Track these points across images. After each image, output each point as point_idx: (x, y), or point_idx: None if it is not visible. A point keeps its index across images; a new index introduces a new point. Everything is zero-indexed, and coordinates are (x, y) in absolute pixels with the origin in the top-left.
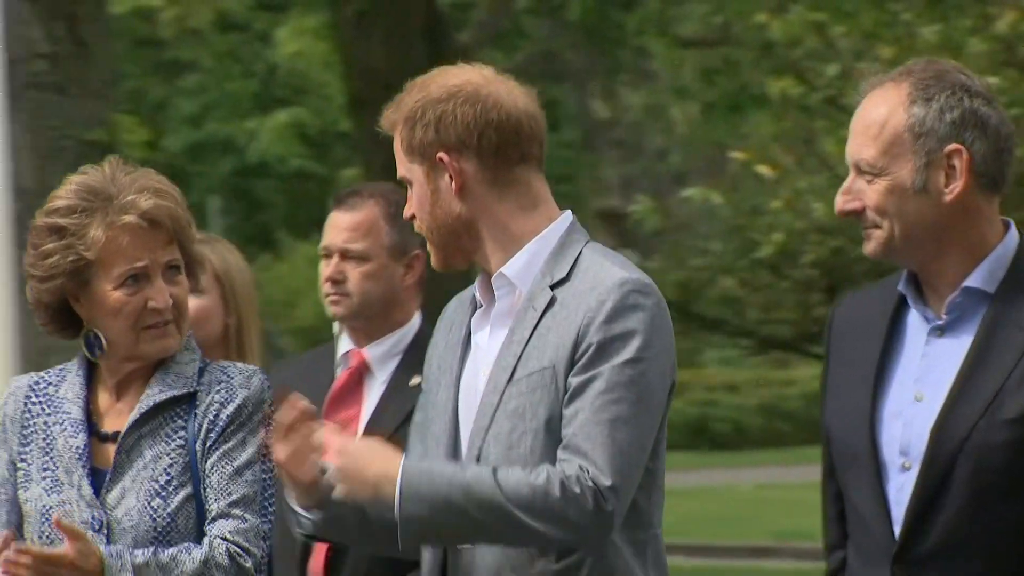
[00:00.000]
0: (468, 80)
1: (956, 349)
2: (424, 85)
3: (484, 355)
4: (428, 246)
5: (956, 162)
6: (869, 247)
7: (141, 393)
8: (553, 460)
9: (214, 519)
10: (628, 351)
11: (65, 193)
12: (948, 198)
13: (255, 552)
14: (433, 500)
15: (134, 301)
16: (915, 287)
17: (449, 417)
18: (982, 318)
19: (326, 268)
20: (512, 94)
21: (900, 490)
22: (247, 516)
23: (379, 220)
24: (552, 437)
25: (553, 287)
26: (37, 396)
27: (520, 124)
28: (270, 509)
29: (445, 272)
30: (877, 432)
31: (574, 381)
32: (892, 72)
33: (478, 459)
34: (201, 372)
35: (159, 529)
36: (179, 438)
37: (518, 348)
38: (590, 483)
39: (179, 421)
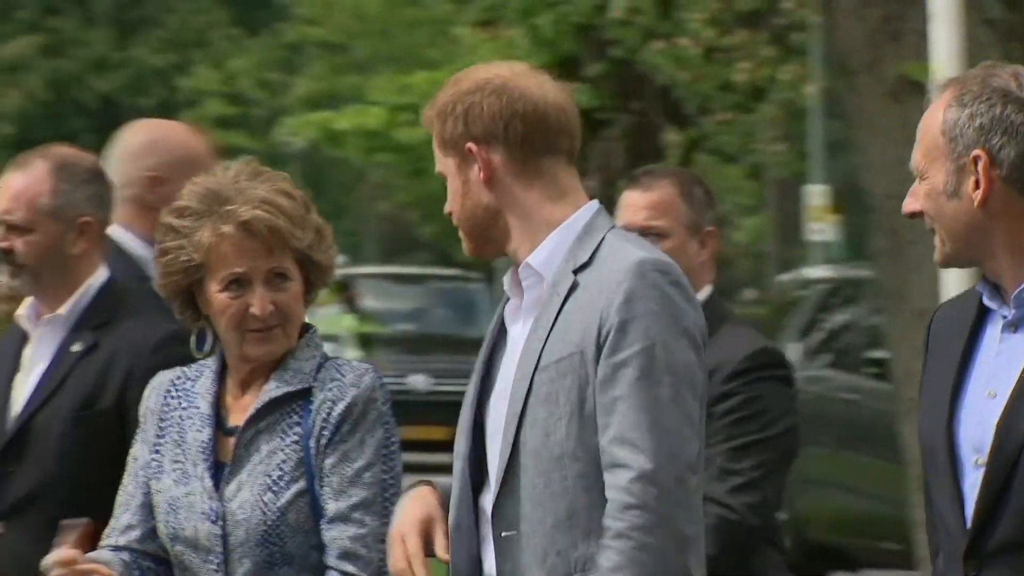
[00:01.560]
0: (497, 74)
1: (1022, 344)
2: (457, 81)
3: (516, 345)
4: (461, 236)
5: (978, 167)
6: (936, 255)
7: (262, 389)
8: (588, 441)
9: (332, 521)
10: (649, 332)
11: (188, 193)
12: (976, 203)
13: (372, 557)
14: None
15: (236, 305)
16: (992, 284)
17: (470, 404)
18: None
19: None
20: (542, 87)
21: (973, 487)
22: (366, 520)
23: (676, 198)
24: (586, 421)
25: (576, 271)
26: (176, 390)
27: (547, 115)
28: (390, 510)
29: (479, 259)
30: (954, 431)
31: (603, 367)
32: (960, 76)
33: (514, 446)
34: (319, 369)
35: (269, 523)
36: (294, 434)
37: (543, 333)
38: (637, 489)
39: (295, 417)
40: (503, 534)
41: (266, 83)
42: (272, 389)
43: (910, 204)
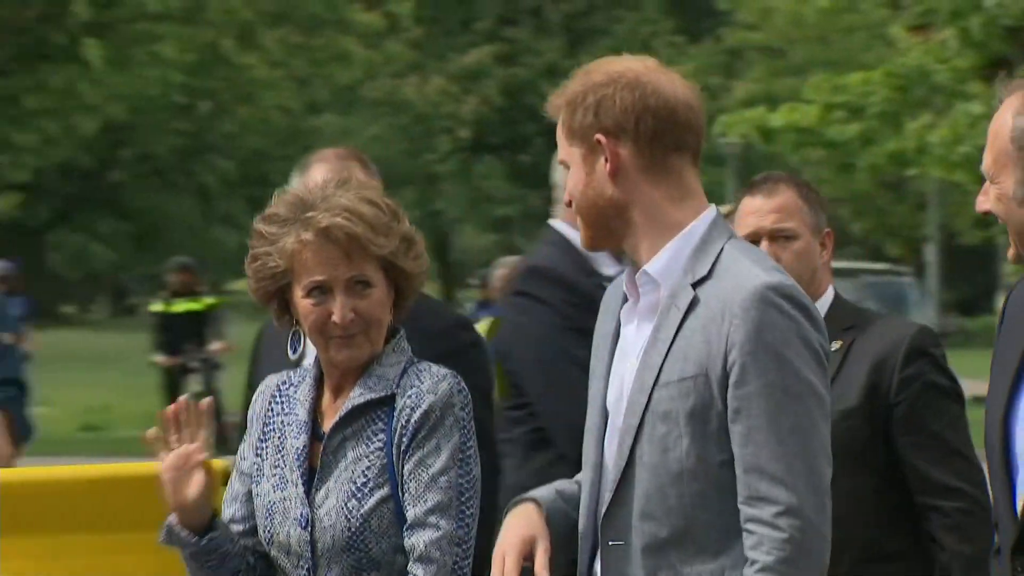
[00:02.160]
0: (630, 68)
1: None
2: (588, 72)
3: (632, 347)
4: (580, 226)
5: None
6: (1010, 252)
7: (348, 396)
8: (708, 460)
9: (411, 527)
10: (781, 361)
11: (278, 201)
12: None
13: (446, 561)
14: None
15: (318, 311)
16: None
17: (598, 409)
18: None
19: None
20: (673, 84)
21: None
22: (441, 523)
23: (798, 200)
24: (707, 442)
25: (695, 285)
26: (280, 396)
27: (677, 112)
28: (467, 513)
29: (593, 251)
30: (1010, 424)
31: (735, 397)
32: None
33: (630, 457)
34: (403, 374)
35: (352, 529)
36: (379, 440)
37: (663, 347)
38: (786, 523)
39: (380, 423)
40: (611, 543)
41: (706, 87)
42: (356, 396)
43: (982, 203)
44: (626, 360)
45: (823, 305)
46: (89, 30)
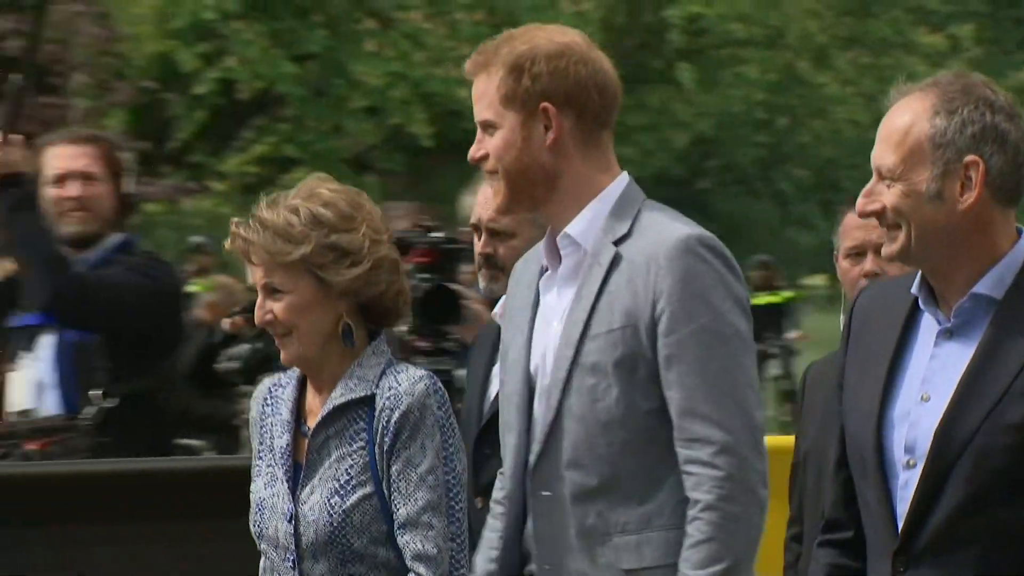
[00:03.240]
0: (575, 40)
1: (963, 352)
2: (527, 38)
3: (553, 312)
4: (496, 189)
5: (972, 173)
6: (888, 249)
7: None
8: (636, 409)
9: (404, 526)
10: (709, 307)
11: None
12: (962, 207)
13: (442, 557)
14: None
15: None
16: (928, 289)
17: (521, 375)
18: (988, 323)
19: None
20: (607, 61)
21: (904, 487)
22: (434, 521)
23: None
24: (636, 391)
25: (616, 243)
26: (270, 398)
27: (615, 92)
28: (457, 508)
29: (504, 213)
30: (884, 433)
31: (666, 344)
32: (921, 82)
33: (558, 409)
34: (382, 375)
35: (334, 524)
36: (361, 439)
37: (588, 303)
38: (722, 462)
39: (361, 423)
40: (541, 493)
41: None
42: (337, 396)
43: (869, 204)
44: (548, 326)
45: None
46: (682, 55)
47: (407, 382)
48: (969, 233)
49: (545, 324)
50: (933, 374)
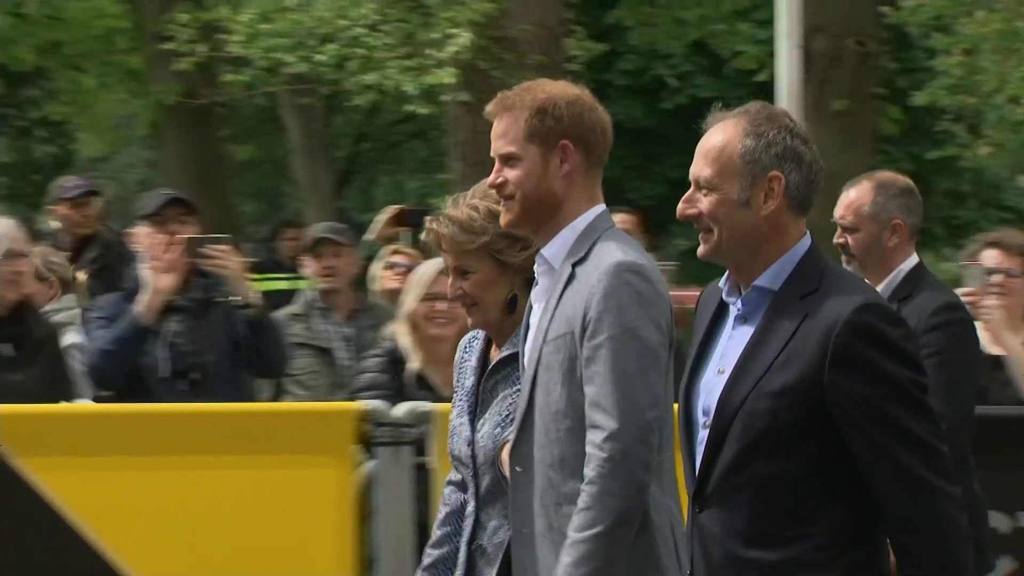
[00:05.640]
0: (584, 93)
1: (748, 334)
2: (545, 88)
3: (534, 320)
4: (508, 207)
5: (775, 186)
6: (702, 249)
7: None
8: (575, 402)
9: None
10: (620, 321)
11: None
12: (764, 213)
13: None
14: None
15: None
16: (733, 282)
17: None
18: (765, 310)
19: None
20: (605, 112)
21: (701, 443)
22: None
23: None
24: (574, 387)
25: (575, 264)
26: (468, 348)
27: (611, 135)
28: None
29: (508, 228)
30: (691, 399)
31: (587, 348)
32: (734, 110)
33: (529, 400)
34: None
35: (497, 449)
36: (520, 384)
37: (549, 314)
38: (607, 447)
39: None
40: (516, 468)
41: None
42: (504, 351)
43: (687, 209)
44: (531, 332)
45: None
46: None
47: None
48: (766, 235)
49: (531, 330)
50: (728, 352)
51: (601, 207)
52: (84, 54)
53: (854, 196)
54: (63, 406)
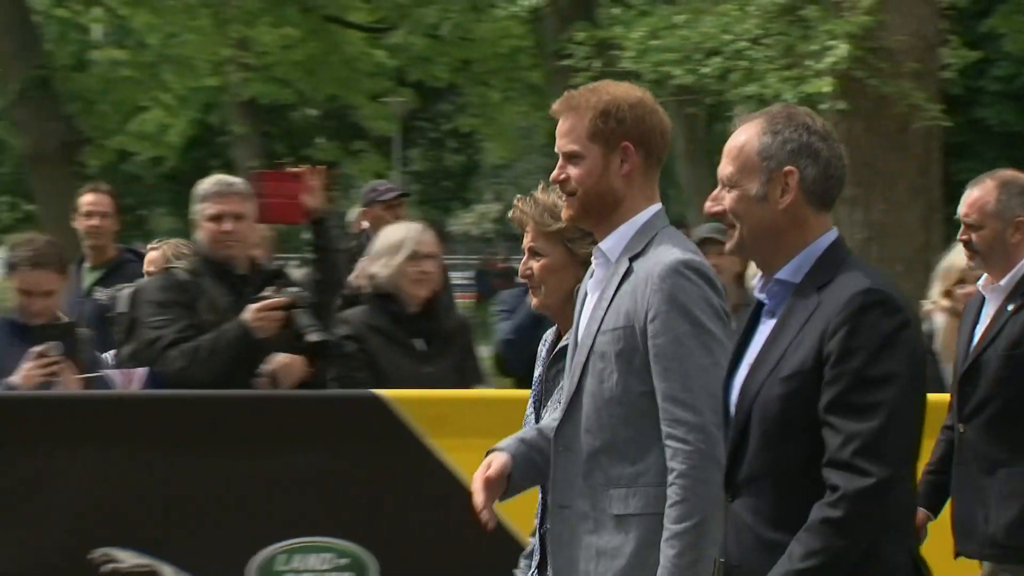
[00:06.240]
0: (645, 96)
1: (770, 327)
2: (609, 91)
3: (588, 309)
4: (569, 203)
5: (790, 180)
6: (728, 245)
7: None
8: (631, 391)
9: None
10: (689, 317)
11: None
12: (781, 207)
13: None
14: None
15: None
16: (764, 278)
17: (571, 360)
18: (784, 303)
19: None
20: (665, 114)
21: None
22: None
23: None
24: (630, 377)
25: (632, 259)
26: (546, 337)
27: (670, 137)
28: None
29: (571, 222)
30: (729, 392)
31: (655, 344)
32: (760, 111)
33: (578, 386)
34: None
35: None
36: None
37: (605, 304)
38: (693, 438)
39: None
40: (560, 449)
41: None
42: (564, 342)
43: (713, 207)
44: (585, 318)
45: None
46: None
47: None
48: (786, 229)
49: (585, 316)
50: (756, 346)
51: (658, 206)
52: (491, 71)
53: (978, 194)
54: (467, 391)
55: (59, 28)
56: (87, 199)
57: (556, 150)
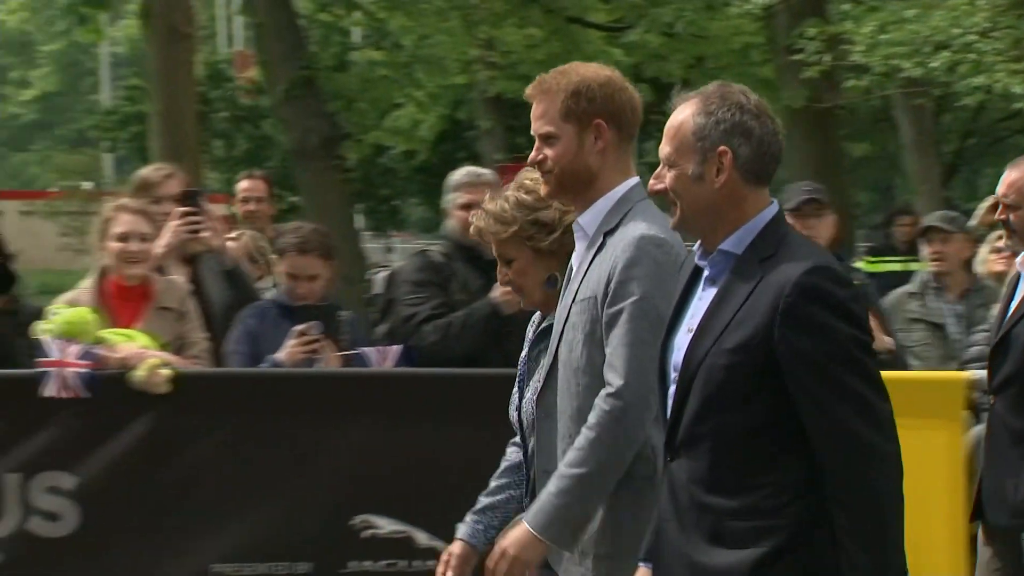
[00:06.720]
0: (614, 74)
1: (712, 295)
2: (579, 72)
3: (570, 280)
4: (547, 181)
5: (724, 160)
6: (671, 221)
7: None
8: (594, 360)
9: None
10: (639, 290)
11: None
12: (716, 186)
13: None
14: (560, 520)
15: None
16: (704, 248)
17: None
18: (728, 272)
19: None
20: (635, 90)
21: (671, 397)
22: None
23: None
24: (594, 346)
25: (606, 234)
26: (533, 319)
27: (640, 113)
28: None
29: (548, 199)
30: (666, 356)
31: (607, 313)
32: (696, 91)
33: (555, 355)
34: None
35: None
36: None
37: (579, 277)
38: (610, 402)
39: None
40: (542, 416)
41: None
42: (543, 324)
43: (655, 185)
44: (566, 291)
45: None
46: None
47: None
48: (724, 206)
49: (565, 291)
50: (696, 312)
51: (635, 179)
52: (724, 67)
53: (1016, 175)
54: None
55: (322, 31)
56: (243, 185)
57: (532, 132)
